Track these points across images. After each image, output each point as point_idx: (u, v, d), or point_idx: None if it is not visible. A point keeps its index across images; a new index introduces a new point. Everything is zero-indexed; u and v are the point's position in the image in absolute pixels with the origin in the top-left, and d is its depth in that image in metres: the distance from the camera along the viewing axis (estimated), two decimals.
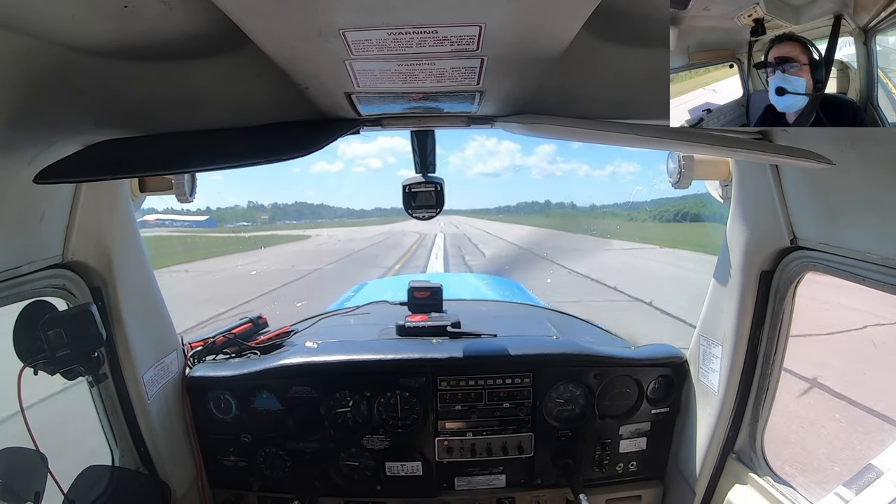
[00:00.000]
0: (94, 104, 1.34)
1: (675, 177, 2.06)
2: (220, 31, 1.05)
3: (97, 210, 1.78)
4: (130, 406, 2.01)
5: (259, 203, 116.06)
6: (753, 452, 2.08)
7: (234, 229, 45.12)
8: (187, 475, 2.32)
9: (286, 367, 2.30)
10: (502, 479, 2.42)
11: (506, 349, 2.36)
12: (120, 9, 0.93)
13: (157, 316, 2.20)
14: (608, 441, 2.41)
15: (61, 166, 1.30)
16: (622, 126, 1.29)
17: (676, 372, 2.38)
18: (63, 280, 1.75)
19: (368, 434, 2.35)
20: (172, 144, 1.44)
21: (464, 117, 1.60)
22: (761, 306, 1.96)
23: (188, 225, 50.32)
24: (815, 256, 1.71)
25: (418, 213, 1.94)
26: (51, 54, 1.12)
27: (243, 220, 78.69)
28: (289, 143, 1.35)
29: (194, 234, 43.97)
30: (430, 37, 0.92)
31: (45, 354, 1.57)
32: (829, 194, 1.56)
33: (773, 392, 2.01)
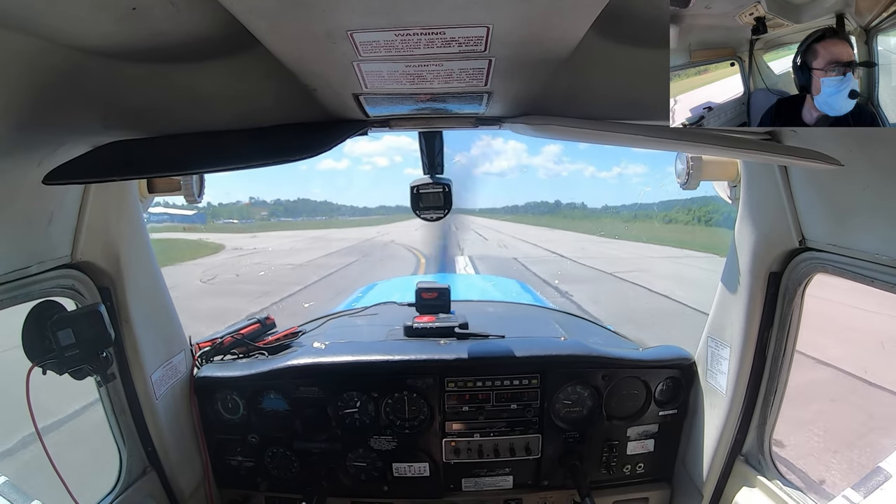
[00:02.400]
0: (102, 106, 1.34)
1: (683, 178, 2.05)
2: (228, 33, 1.05)
3: (106, 211, 1.79)
4: (138, 406, 2.02)
5: (261, 199, 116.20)
6: (762, 455, 2.07)
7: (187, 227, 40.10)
8: (195, 475, 2.33)
9: (294, 367, 2.31)
10: (509, 480, 2.42)
11: (513, 350, 2.35)
12: (128, 10, 0.94)
13: (166, 316, 2.20)
14: (616, 443, 2.40)
15: (70, 168, 1.31)
16: (630, 127, 1.29)
17: (684, 373, 2.37)
18: (72, 280, 1.76)
19: (376, 435, 2.36)
20: (181, 145, 1.45)
21: (472, 118, 1.60)
22: (770, 308, 1.94)
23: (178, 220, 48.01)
24: (823, 258, 1.70)
25: (426, 214, 1.95)
26: (59, 56, 1.13)
27: (234, 218, 77.60)
28: (297, 144, 1.36)
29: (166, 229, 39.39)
30: (437, 38, 0.92)
31: (54, 354, 1.57)
32: (837, 195, 1.55)
33: (782, 394, 2.00)
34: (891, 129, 0.89)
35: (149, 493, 2.09)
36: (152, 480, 2.12)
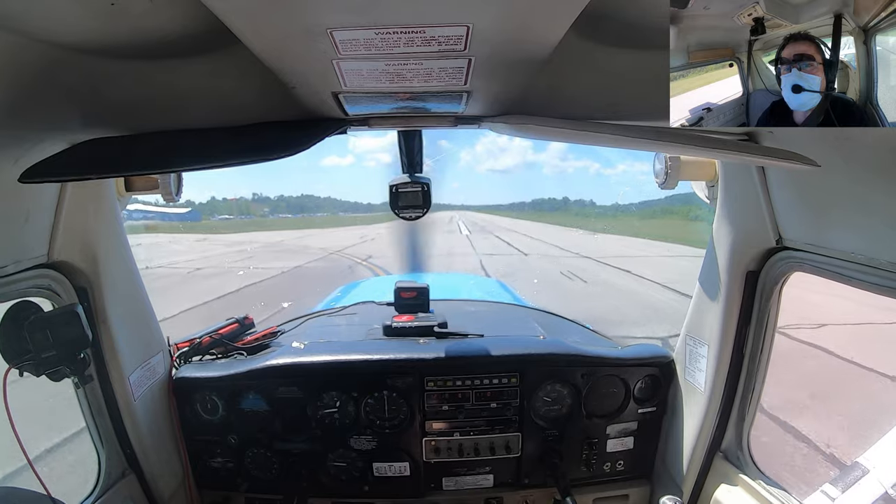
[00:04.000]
0: (80, 103, 1.33)
1: (661, 177, 2.07)
2: (208, 30, 1.05)
3: (83, 210, 1.77)
4: (117, 408, 2.00)
5: (264, 195, 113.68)
6: (740, 451, 2.10)
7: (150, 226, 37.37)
8: (174, 477, 2.30)
9: (273, 367, 2.29)
10: (490, 478, 2.42)
11: (492, 349, 2.36)
12: (107, 7, 0.93)
13: (144, 317, 2.18)
14: (595, 440, 2.42)
15: (47, 165, 1.29)
16: (609, 127, 1.30)
17: (663, 371, 2.39)
18: (48, 280, 1.74)
19: (356, 434, 2.35)
20: (159, 143, 1.43)
21: (451, 117, 1.59)
22: (747, 306, 1.97)
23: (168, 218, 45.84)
24: (800, 257, 1.73)
25: (405, 213, 1.93)
26: (37, 52, 1.11)
27: (233, 214, 76.17)
28: (275, 142, 1.35)
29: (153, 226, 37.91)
30: (417, 36, 0.92)
31: (31, 356, 1.56)
32: (814, 195, 1.58)
33: (760, 391, 2.03)
34: (866, 129, 0.90)
35: (128, 495, 2.07)
36: (131, 483, 2.10)
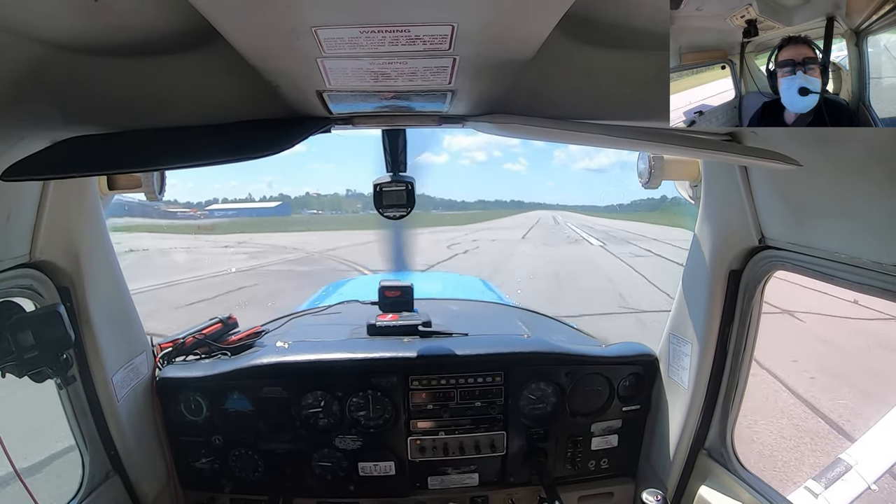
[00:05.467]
0: (63, 100, 1.31)
1: (645, 177, 2.09)
2: (192, 28, 1.04)
3: (65, 209, 1.75)
4: (100, 409, 1.98)
5: (357, 192, 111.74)
6: (724, 448, 2.12)
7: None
8: (159, 478, 2.29)
9: (257, 367, 2.28)
10: (475, 477, 2.42)
11: (477, 348, 2.36)
12: (90, 3, 0.92)
13: (127, 317, 2.16)
14: (580, 438, 2.43)
15: (29, 164, 1.28)
16: (593, 126, 1.31)
17: (647, 370, 2.41)
18: (30, 280, 1.73)
19: (340, 434, 2.34)
20: (142, 142, 1.42)
21: (435, 116, 1.59)
22: (730, 305, 1.99)
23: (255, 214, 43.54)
24: (783, 256, 1.75)
25: (389, 213, 1.92)
26: (19, 49, 1.10)
27: (316, 209, 75.03)
28: (259, 141, 1.35)
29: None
30: (402, 35, 0.92)
31: (13, 356, 1.54)
32: (797, 195, 1.59)
33: (743, 389, 2.05)
34: (849, 130, 0.90)
35: (112, 497, 2.06)
36: (116, 485, 2.08)
